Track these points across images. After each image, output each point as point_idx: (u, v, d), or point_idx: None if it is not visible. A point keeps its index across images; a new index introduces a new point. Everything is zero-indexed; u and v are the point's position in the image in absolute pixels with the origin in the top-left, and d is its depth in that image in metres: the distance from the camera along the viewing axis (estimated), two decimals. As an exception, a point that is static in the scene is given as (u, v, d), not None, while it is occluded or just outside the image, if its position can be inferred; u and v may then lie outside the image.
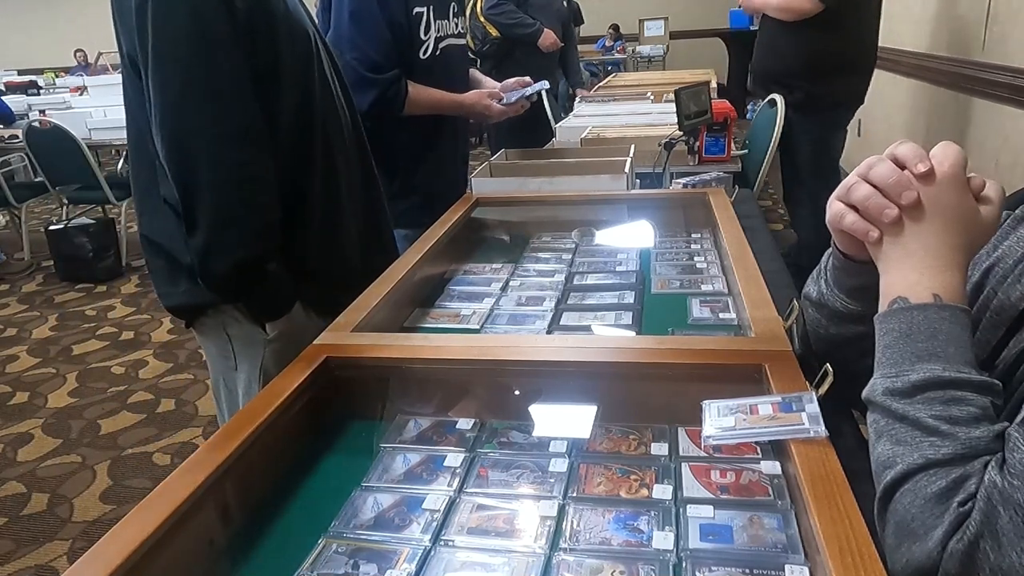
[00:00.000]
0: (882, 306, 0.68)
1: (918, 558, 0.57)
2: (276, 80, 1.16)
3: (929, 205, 0.65)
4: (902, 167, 0.67)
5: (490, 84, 2.05)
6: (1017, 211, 0.76)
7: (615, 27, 9.24)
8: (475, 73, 2.11)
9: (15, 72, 9.04)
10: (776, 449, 0.77)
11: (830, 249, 0.81)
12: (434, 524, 0.73)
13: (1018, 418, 0.58)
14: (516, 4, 4.13)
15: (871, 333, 0.68)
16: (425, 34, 1.80)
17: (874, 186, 0.67)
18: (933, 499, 0.57)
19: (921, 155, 0.66)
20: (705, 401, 0.79)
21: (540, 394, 0.94)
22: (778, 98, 3.06)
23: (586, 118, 3.13)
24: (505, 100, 1.95)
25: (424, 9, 1.78)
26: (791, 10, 2.99)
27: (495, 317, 1.21)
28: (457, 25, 1.92)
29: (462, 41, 1.96)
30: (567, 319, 1.19)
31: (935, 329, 0.63)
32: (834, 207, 0.71)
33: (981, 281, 0.76)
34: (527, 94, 1.97)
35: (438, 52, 1.84)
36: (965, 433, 0.58)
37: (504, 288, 1.34)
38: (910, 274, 0.66)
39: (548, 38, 4.20)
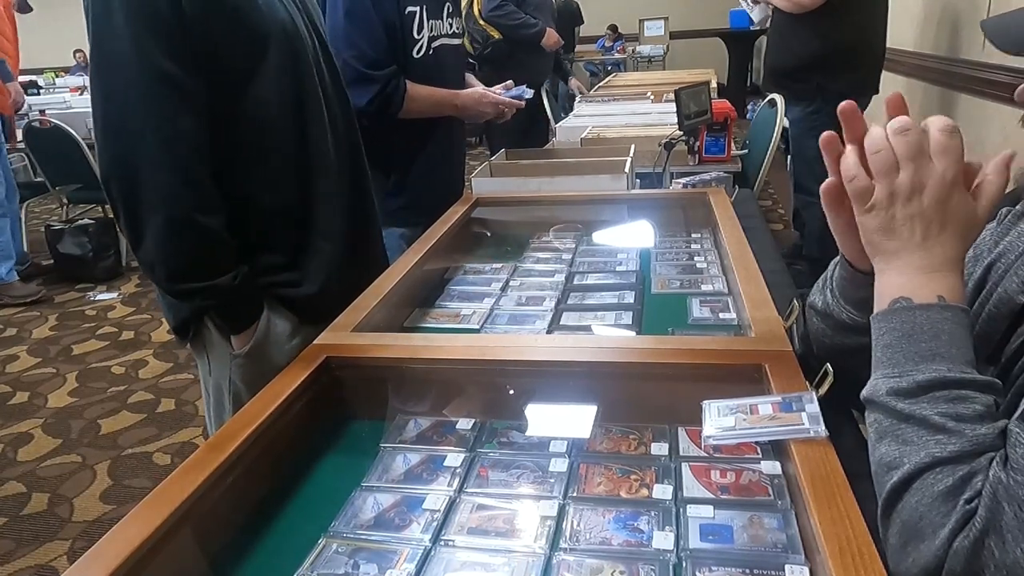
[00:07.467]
0: (880, 305, 0.67)
1: (925, 557, 0.57)
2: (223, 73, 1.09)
3: (934, 213, 0.65)
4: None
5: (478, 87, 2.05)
6: (1017, 207, 0.76)
7: (613, 27, 9.24)
8: (469, 78, 2.11)
9: (15, 72, 9.01)
10: (776, 449, 0.77)
11: (836, 259, 0.81)
12: (434, 524, 0.73)
13: (1017, 413, 0.58)
14: (515, 4, 4.12)
15: None
16: (418, 33, 1.80)
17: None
18: (941, 497, 0.57)
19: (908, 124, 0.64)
20: (705, 401, 0.79)
21: (540, 394, 0.94)
22: (778, 98, 3.06)
23: (586, 118, 3.13)
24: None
25: (417, 8, 1.79)
26: (793, 2, 3.02)
27: (495, 317, 1.21)
28: (451, 25, 1.92)
29: (457, 41, 1.96)
30: (567, 319, 1.19)
31: (938, 329, 0.63)
32: (849, 159, 0.67)
33: (983, 277, 0.76)
34: (515, 94, 1.98)
35: (431, 51, 1.84)
36: (971, 430, 0.58)
37: (504, 288, 1.33)
38: (914, 276, 0.66)
39: (551, 37, 4.19)
